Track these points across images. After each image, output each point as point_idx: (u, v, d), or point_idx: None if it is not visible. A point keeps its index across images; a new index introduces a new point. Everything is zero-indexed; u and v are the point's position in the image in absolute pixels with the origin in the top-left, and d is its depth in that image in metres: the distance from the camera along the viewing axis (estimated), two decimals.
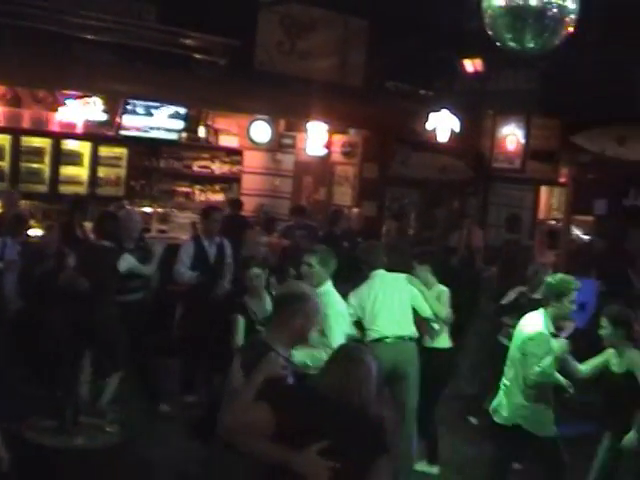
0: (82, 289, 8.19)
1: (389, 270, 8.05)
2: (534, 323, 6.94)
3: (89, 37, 11.71)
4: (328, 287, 6.82)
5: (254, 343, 4.98)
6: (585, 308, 7.99)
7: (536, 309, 7.11)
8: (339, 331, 6.44)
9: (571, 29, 7.23)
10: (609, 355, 6.90)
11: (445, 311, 8.25)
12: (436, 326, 8.22)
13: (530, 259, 11.36)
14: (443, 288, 8.39)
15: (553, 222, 15.15)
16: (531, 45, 7.25)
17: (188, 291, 9.67)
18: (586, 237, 14.45)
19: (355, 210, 14.75)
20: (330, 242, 10.67)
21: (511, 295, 9.25)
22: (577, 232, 14.62)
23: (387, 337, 7.63)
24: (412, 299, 7.92)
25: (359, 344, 4.55)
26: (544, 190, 15.03)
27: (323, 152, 15.21)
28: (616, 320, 6.85)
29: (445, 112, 14.24)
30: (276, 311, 4.94)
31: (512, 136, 14.73)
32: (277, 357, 4.57)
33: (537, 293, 8.42)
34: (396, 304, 7.79)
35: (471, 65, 13.82)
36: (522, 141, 14.64)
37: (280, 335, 4.74)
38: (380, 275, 7.92)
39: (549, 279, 7.18)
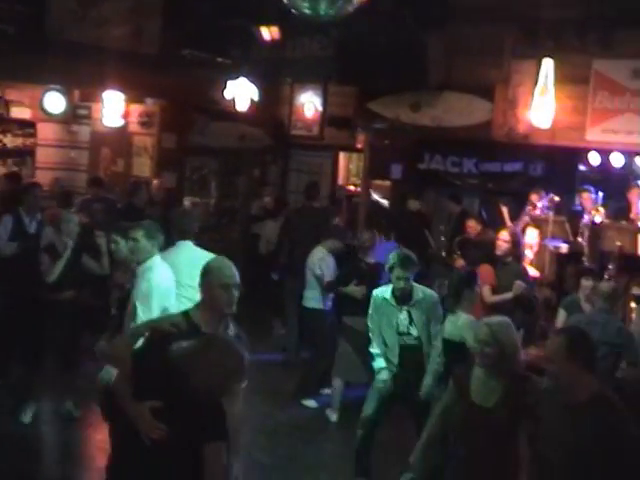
0: None
1: None
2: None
3: None
4: (154, 262, 6.64)
5: None
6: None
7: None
8: (157, 307, 6.31)
9: None
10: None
11: None
12: None
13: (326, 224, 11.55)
14: None
15: (352, 187, 15.47)
16: (325, 12, 7.32)
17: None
18: (383, 201, 14.86)
19: (155, 181, 14.55)
20: (130, 214, 10.51)
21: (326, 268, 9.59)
22: (375, 196, 15.00)
23: None
24: None
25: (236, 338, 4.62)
26: (342, 156, 15.31)
27: (120, 123, 14.90)
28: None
29: (243, 80, 14.21)
30: None
31: (310, 104, 14.92)
32: (178, 318, 4.64)
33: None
34: None
35: (268, 33, 13.83)
36: (319, 108, 14.86)
37: (201, 311, 4.73)
38: (189, 246, 7.60)
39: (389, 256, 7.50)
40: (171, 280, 6.56)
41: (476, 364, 5.24)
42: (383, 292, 7.43)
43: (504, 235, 9.82)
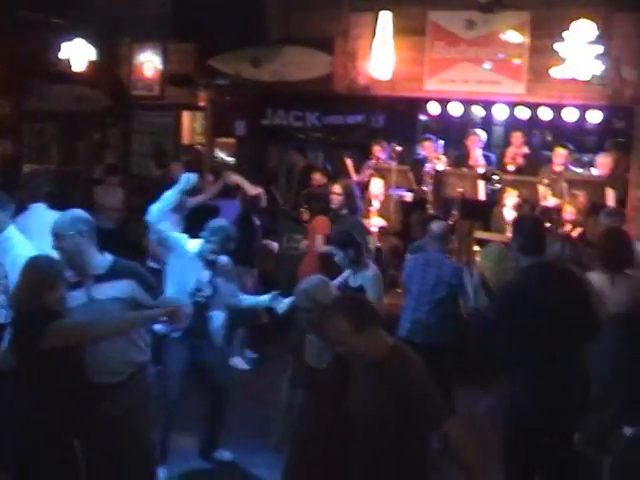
0: None
1: None
2: None
3: None
4: (10, 232, 6.41)
5: None
6: None
7: None
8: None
9: None
10: None
11: None
12: None
13: None
14: None
15: (198, 146, 15.30)
16: None
17: None
18: (229, 159, 14.78)
19: None
20: None
21: None
22: (221, 155, 14.90)
23: None
24: None
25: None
26: (186, 115, 15.11)
27: None
28: (344, 243, 7.40)
29: (79, 41, 13.84)
30: None
31: (149, 63, 14.63)
32: None
33: None
34: None
35: None
36: (160, 67, 14.60)
37: None
38: (42, 209, 7.42)
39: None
40: (29, 247, 6.42)
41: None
42: (192, 246, 7.21)
43: (336, 188, 10.06)
